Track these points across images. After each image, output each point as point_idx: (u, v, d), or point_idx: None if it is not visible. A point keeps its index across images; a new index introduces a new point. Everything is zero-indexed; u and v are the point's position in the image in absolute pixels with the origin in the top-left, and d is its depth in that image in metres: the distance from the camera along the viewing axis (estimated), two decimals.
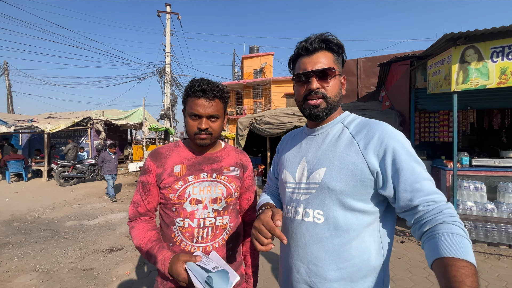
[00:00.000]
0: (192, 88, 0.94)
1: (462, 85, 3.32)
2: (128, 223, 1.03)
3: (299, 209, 0.81)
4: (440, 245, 0.59)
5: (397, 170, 0.69)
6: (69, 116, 11.30)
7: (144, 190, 1.00)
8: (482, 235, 3.47)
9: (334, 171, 0.75)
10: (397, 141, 0.71)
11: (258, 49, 24.80)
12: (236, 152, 1.14)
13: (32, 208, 5.63)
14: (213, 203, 0.99)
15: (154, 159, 1.02)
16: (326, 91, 0.80)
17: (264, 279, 2.72)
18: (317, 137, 0.87)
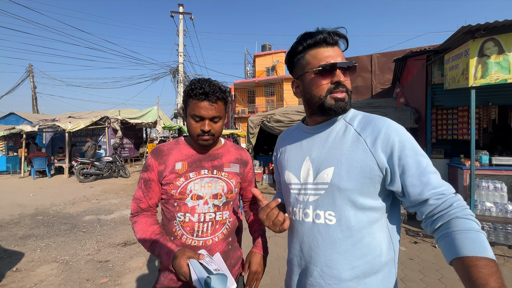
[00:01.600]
0: (194, 90, 0.94)
1: (481, 80, 3.16)
2: (131, 218, 1.07)
3: (308, 210, 0.79)
4: (457, 244, 0.59)
5: (404, 165, 0.69)
6: (88, 116, 11.80)
7: (146, 187, 1.02)
8: (502, 237, 3.30)
9: (343, 170, 0.74)
10: (403, 136, 0.71)
11: (270, 47, 24.67)
12: (236, 149, 1.16)
13: (55, 203, 5.95)
14: (214, 199, 1.02)
15: (156, 156, 1.04)
16: (347, 85, 0.78)
17: (272, 276, 2.74)
18: (319, 135, 0.83)
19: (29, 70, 18.88)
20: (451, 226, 0.62)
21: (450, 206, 0.64)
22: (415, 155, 0.69)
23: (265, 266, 1.09)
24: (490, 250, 0.57)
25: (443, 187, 0.67)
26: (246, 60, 26.53)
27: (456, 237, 0.60)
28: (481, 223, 3.19)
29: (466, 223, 0.61)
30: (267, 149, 9.48)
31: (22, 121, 12.82)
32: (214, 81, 0.99)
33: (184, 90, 1.01)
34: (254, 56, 23.77)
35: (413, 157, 0.69)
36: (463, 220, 0.62)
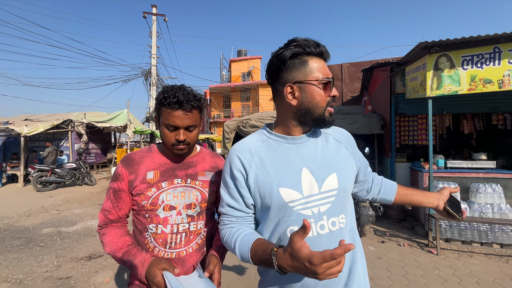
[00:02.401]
0: (167, 98, 0.91)
1: (436, 91, 3.50)
2: (99, 230, 1.01)
3: (323, 222, 0.75)
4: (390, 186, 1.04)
5: (361, 160, 0.95)
6: (48, 119, 10.86)
7: (115, 197, 0.98)
8: (456, 233, 3.63)
9: (344, 174, 0.81)
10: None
11: (246, 53, 24.92)
12: (211, 156, 1.13)
13: (6, 215, 5.34)
14: (187, 209, 0.99)
15: (126, 165, 1.00)
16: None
17: (248, 283, 2.72)
18: (305, 144, 0.82)
19: None
20: (383, 183, 1.04)
21: (381, 179, 1.05)
22: (360, 151, 0.97)
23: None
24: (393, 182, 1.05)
25: (367, 164, 1.00)
26: (222, 64, 26.49)
27: (387, 185, 1.04)
28: (439, 221, 3.48)
29: (381, 178, 1.06)
30: None
31: None
32: (188, 89, 0.96)
33: (156, 98, 0.98)
34: (230, 61, 23.83)
35: (360, 153, 0.96)
36: (378, 177, 1.06)
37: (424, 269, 2.96)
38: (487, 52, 3.31)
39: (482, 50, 3.32)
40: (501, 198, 3.61)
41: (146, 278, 0.84)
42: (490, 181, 3.76)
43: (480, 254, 3.34)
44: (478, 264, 3.07)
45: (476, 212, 3.60)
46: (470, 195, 3.80)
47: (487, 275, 2.80)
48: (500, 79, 3.28)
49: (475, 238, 3.55)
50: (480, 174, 3.85)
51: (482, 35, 3.21)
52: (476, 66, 3.35)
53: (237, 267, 3.04)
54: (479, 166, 3.98)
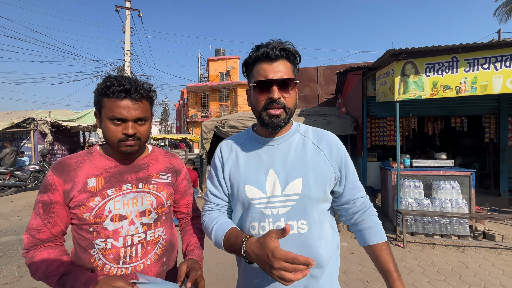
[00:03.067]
0: (111, 87, 0.79)
1: (403, 95, 3.76)
2: (25, 254, 0.81)
3: (280, 223, 0.78)
4: (368, 236, 0.87)
5: (347, 172, 0.86)
6: (6, 117, 9.92)
7: (45, 212, 0.82)
8: (420, 227, 3.94)
9: (311, 180, 0.79)
10: (345, 149, 0.89)
11: (224, 52, 24.75)
12: (166, 156, 1.03)
13: None
14: (141, 217, 0.88)
15: (60, 172, 0.84)
16: (286, 102, 0.79)
17: (226, 283, 2.72)
18: (279, 147, 0.85)
19: None
20: (366, 223, 0.87)
21: (366, 207, 0.89)
22: (351, 165, 0.88)
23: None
24: (383, 235, 0.86)
25: (362, 191, 0.89)
26: (200, 63, 26.05)
27: (368, 232, 0.87)
28: (405, 216, 3.75)
29: (373, 220, 0.88)
30: None
31: None
32: (134, 78, 0.86)
33: (96, 89, 0.84)
34: (208, 60, 23.52)
35: (351, 166, 0.88)
36: (372, 217, 0.88)
37: None
38: (446, 60, 3.63)
39: (443, 58, 3.64)
40: (458, 194, 3.98)
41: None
42: (449, 178, 4.13)
43: (440, 246, 3.65)
44: (439, 255, 3.36)
45: (437, 207, 3.93)
46: (432, 192, 4.14)
47: (446, 264, 3.08)
48: (457, 86, 3.62)
49: (437, 231, 3.87)
50: (441, 172, 4.20)
51: (442, 45, 3.51)
52: (437, 73, 3.66)
53: (216, 268, 3.03)
54: (440, 164, 4.34)
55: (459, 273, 2.88)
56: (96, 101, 0.85)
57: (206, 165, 7.69)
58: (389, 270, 0.81)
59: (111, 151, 0.91)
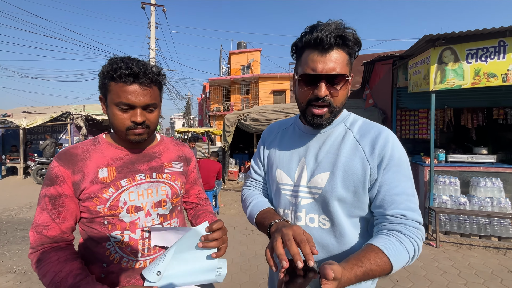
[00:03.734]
0: (118, 70, 0.73)
1: (440, 85, 3.48)
2: (31, 255, 0.74)
3: (301, 214, 0.77)
4: (378, 238, 0.66)
5: (385, 178, 0.70)
6: (46, 111, 10.77)
7: (54, 206, 0.75)
8: (455, 226, 3.68)
9: (338, 177, 0.72)
10: (395, 150, 0.71)
11: (245, 45, 24.64)
12: (175, 145, 0.99)
13: (8, 207, 5.36)
14: (157, 208, 0.84)
15: (67, 163, 0.77)
16: (334, 100, 0.71)
17: (250, 274, 2.76)
18: (317, 137, 0.80)
19: None
20: (387, 231, 0.67)
21: (401, 224, 0.67)
22: (398, 172, 0.70)
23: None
24: (397, 260, 0.62)
25: (408, 212, 0.67)
26: (221, 57, 26.21)
27: (382, 237, 0.66)
28: (439, 214, 3.52)
29: (401, 238, 0.65)
30: (243, 148, 9.48)
31: None
32: (142, 60, 0.79)
33: (101, 72, 0.77)
34: (230, 53, 23.57)
35: (395, 174, 0.70)
36: (401, 234, 0.66)
37: (424, 261, 3.01)
38: (492, 45, 3.28)
39: (487, 43, 3.30)
40: (500, 192, 3.65)
41: None
42: (490, 175, 3.79)
43: (478, 247, 3.39)
44: (476, 257, 3.13)
45: (475, 206, 3.64)
46: (470, 189, 3.84)
47: (486, 267, 2.86)
48: (504, 73, 3.27)
49: (474, 231, 3.60)
50: (480, 168, 3.88)
51: (487, 28, 3.17)
52: (481, 59, 3.33)
53: (240, 258, 3.08)
54: (480, 160, 4.00)
55: (500, 277, 2.66)
56: (101, 85, 0.79)
57: (229, 158, 7.79)
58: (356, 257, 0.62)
59: (119, 140, 0.85)
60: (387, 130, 0.75)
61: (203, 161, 4.52)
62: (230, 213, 5.06)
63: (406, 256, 0.64)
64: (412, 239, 0.66)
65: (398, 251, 0.63)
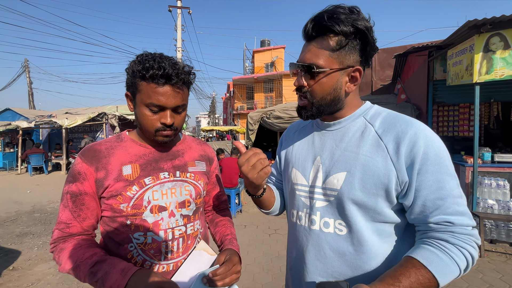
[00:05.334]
0: (150, 70, 0.70)
1: (485, 76, 3.11)
2: (53, 248, 0.74)
3: (315, 217, 0.71)
4: (420, 250, 0.59)
5: (422, 180, 0.60)
6: (85, 112, 11.67)
7: (75, 204, 0.74)
8: (503, 234, 3.29)
9: (356, 178, 0.65)
10: (430, 146, 0.61)
11: (269, 42, 24.50)
12: (198, 144, 0.97)
13: (52, 200, 5.89)
14: (181, 208, 0.81)
15: (90, 159, 0.76)
16: (311, 91, 0.68)
17: (273, 275, 2.71)
18: (333, 133, 0.74)
19: (24, 65, 18.61)
20: (432, 242, 0.59)
21: (450, 232, 0.58)
22: (438, 172, 0.60)
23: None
24: (445, 277, 0.55)
25: (456, 216, 0.58)
26: (245, 56, 26.35)
27: (426, 247, 0.59)
28: (483, 220, 3.17)
29: (451, 249, 0.57)
30: (266, 146, 9.44)
31: (18, 117, 12.65)
32: (173, 58, 0.76)
33: (130, 68, 0.75)
34: (253, 52, 23.60)
35: (434, 174, 0.60)
36: (450, 245, 0.58)
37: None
38: None
39: None
40: None
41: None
42: None
43: None
44: None
45: None
46: None
47: None
48: None
49: None
50: None
51: None
52: None
53: (263, 258, 3.04)
54: None
55: None
56: (130, 83, 0.76)
57: None
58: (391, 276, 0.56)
59: (143, 137, 0.84)
60: (417, 123, 0.64)
61: (226, 160, 4.55)
62: (253, 211, 5.05)
63: (455, 270, 0.56)
64: (463, 248, 0.57)
65: (445, 264, 0.56)
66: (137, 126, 0.86)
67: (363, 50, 0.66)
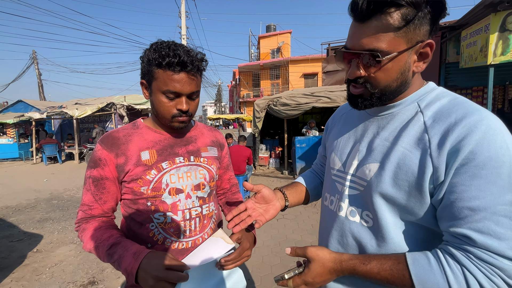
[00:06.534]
0: (166, 58, 0.73)
1: (501, 57, 3.00)
2: (77, 228, 0.82)
3: (343, 204, 0.69)
4: (418, 252, 0.54)
5: (456, 182, 0.49)
6: (94, 102, 11.85)
7: (97, 188, 0.80)
8: None
9: (388, 172, 0.58)
10: (486, 144, 0.47)
11: (275, 27, 23.91)
12: (209, 130, 1.02)
13: (68, 188, 6.13)
14: (197, 190, 0.87)
15: (110, 146, 0.81)
16: (372, 80, 0.58)
17: (281, 257, 2.81)
18: (379, 120, 0.66)
19: (33, 57, 18.83)
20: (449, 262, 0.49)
21: (463, 251, 0.49)
22: (482, 177, 0.47)
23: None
24: (422, 282, 0.49)
25: (481, 235, 0.47)
26: (250, 42, 25.86)
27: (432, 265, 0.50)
28: None
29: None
30: (273, 133, 9.44)
31: (30, 108, 12.97)
32: (186, 46, 0.79)
33: (145, 56, 0.78)
34: (259, 37, 23.12)
35: (475, 179, 0.48)
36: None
37: None
38: None
39: None
40: None
41: (137, 279, 0.67)
42: None
43: None
44: None
45: None
46: None
47: None
48: None
49: None
50: None
51: None
52: None
53: (271, 241, 3.14)
54: None
55: None
56: (146, 71, 0.79)
57: (259, 143, 7.84)
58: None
59: (158, 124, 0.88)
60: (483, 113, 0.51)
61: (234, 147, 4.60)
62: None
63: (442, 286, 0.48)
64: (470, 273, 0.47)
65: (431, 274, 0.49)
66: (146, 115, 0.91)
67: (436, 18, 0.53)
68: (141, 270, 0.66)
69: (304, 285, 0.59)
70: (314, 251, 0.60)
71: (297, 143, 6.47)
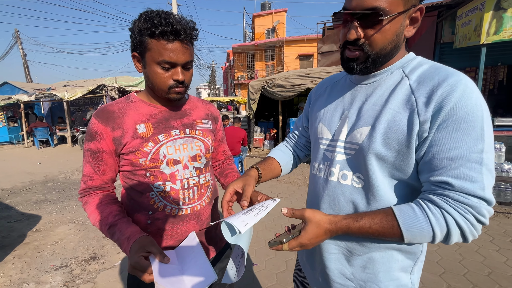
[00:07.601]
0: (159, 26, 0.71)
1: (493, 37, 3.02)
2: (80, 199, 0.86)
3: (334, 169, 0.71)
4: (402, 205, 0.60)
5: (438, 137, 0.55)
6: (84, 84, 11.51)
7: (95, 160, 0.82)
8: (494, 194, 3.46)
9: (379, 133, 0.61)
10: (464, 101, 0.53)
11: (269, 6, 23.04)
12: (203, 103, 1.02)
13: (62, 171, 6.13)
14: (193, 161, 0.89)
15: (105, 120, 0.81)
16: (370, 42, 0.60)
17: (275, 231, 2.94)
18: (366, 87, 0.69)
19: (16, 36, 17.89)
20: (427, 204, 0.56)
21: (442, 196, 0.55)
22: (460, 130, 0.53)
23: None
24: (410, 228, 0.56)
25: (458, 180, 0.53)
26: (245, 21, 24.96)
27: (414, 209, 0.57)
28: None
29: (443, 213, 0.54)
30: (268, 115, 9.43)
31: (18, 90, 12.53)
32: (177, 14, 0.77)
33: (135, 26, 0.75)
34: (253, 16, 22.32)
35: (454, 132, 0.53)
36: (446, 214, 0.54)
37: None
38: None
39: None
40: None
41: (130, 261, 0.69)
42: None
43: None
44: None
45: None
46: None
47: None
48: None
49: None
50: None
51: None
52: None
53: (265, 218, 3.27)
54: None
55: None
56: (137, 42, 0.76)
57: (254, 125, 7.85)
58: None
59: (153, 97, 0.88)
60: (460, 75, 0.56)
61: (228, 129, 4.62)
62: None
63: (427, 231, 0.55)
64: (447, 213, 0.54)
65: (416, 220, 0.55)
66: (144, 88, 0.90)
67: None
68: (130, 254, 0.70)
69: (299, 247, 0.62)
70: (311, 213, 0.62)
71: (291, 125, 6.51)
